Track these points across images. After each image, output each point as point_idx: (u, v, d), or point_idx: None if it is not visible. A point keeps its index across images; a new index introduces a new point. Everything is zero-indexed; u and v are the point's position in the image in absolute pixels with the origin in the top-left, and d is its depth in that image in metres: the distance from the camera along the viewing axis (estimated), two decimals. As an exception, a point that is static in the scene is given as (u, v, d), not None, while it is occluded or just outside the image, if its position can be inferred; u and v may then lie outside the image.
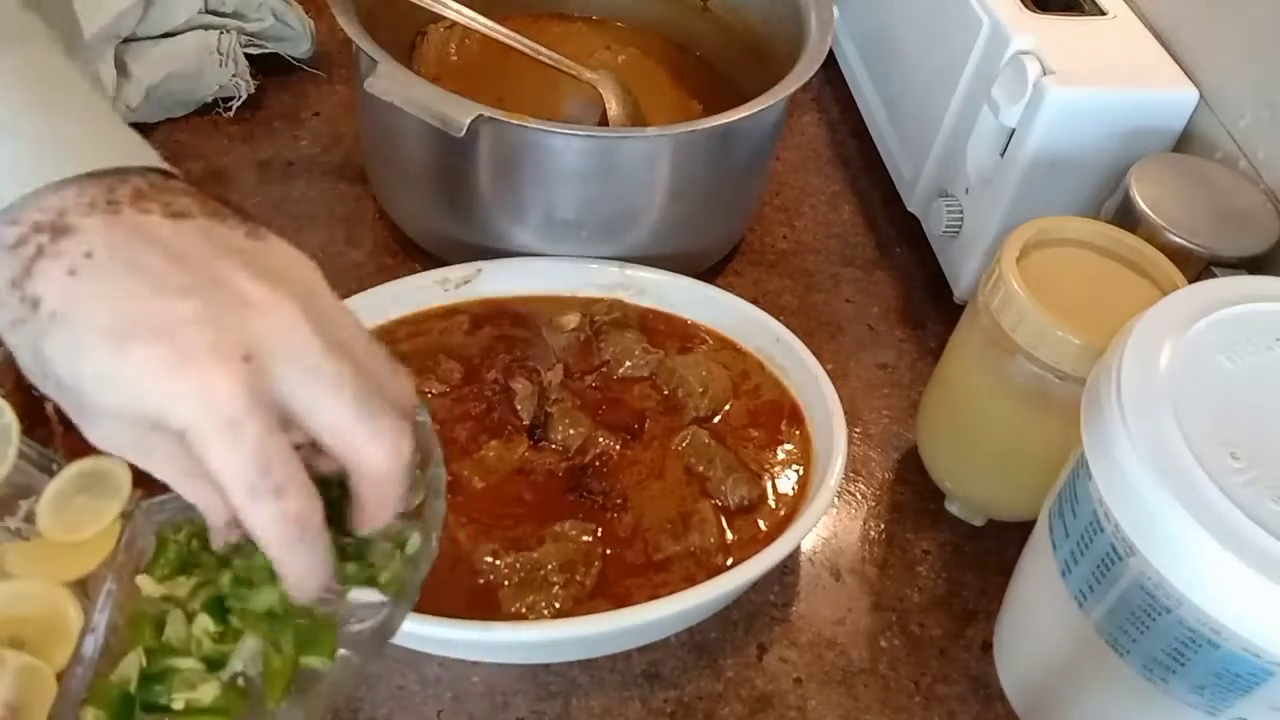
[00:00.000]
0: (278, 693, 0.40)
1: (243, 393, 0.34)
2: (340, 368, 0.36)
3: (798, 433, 0.69)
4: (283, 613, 0.41)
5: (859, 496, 0.72)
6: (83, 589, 0.43)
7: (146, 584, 0.43)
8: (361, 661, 0.41)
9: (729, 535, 0.64)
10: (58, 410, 0.46)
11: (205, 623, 0.41)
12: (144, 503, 0.45)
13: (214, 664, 0.41)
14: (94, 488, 0.45)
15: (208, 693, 0.40)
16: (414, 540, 0.43)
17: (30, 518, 0.44)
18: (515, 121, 0.67)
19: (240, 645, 0.41)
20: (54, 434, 0.47)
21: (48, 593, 0.42)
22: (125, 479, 0.45)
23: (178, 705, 0.39)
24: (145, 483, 0.45)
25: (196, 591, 0.42)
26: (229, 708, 0.40)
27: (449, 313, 0.73)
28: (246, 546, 0.40)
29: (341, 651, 0.41)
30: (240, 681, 0.40)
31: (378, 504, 0.39)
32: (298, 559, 0.36)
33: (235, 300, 0.35)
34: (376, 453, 0.37)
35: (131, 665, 0.40)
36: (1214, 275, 0.62)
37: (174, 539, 0.43)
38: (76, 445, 0.45)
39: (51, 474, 0.45)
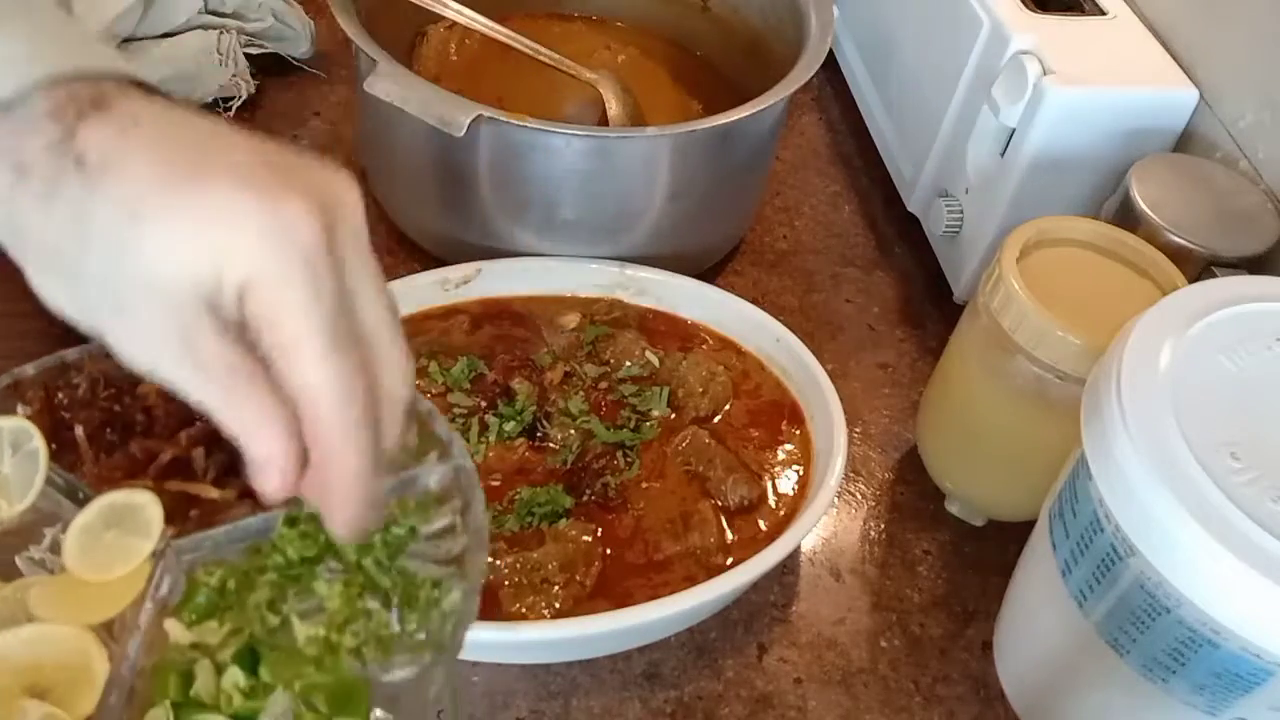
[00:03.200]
0: None
1: (321, 234, 0.32)
2: (378, 268, 0.34)
3: (798, 433, 0.69)
4: (319, 657, 0.39)
5: (859, 496, 0.72)
6: (108, 631, 0.41)
7: (175, 629, 0.41)
8: None
9: (729, 535, 0.64)
10: (87, 435, 0.45)
11: (235, 676, 0.39)
12: (175, 541, 0.43)
13: None
14: (124, 523, 0.42)
15: None
16: (454, 596, 0.42)
17: (55, 547, 0.43)
18: (515, 121, 0.67)
19: (270, 702, 0.39)
20: (83, 460, 0.45)
21: (73, 637, 0.40)
22: (157, 515, 0.43)
23: None
24: (177, 519, 0.44)
25: (227, 640, 0.41)
26: None
27: (449, 313, 0.73)
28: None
29: (377, 712, 0.39)
30: None
31: (390, 421, 0.36)
32: (359, 445, 0.34)
33: (295, 158, 0.34)
34: (399, 371, 0.36)
35: None
36: (1214, 275, 0.62)
37: (205, 581, 0.42)
38: (105, 473, 0.45)
39: (78, 502, 0.43)
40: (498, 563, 0.60)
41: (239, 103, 0.89)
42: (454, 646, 0.40)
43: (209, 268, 0.31)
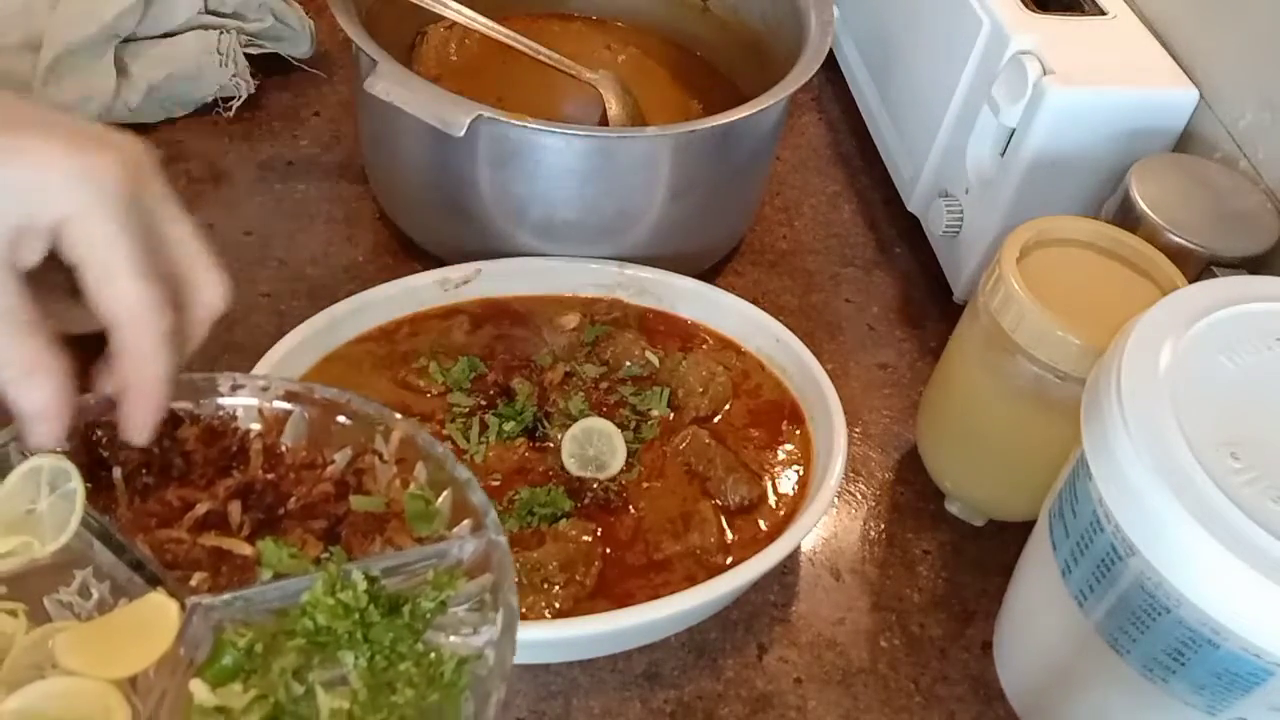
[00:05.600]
0: None
1: (127, 182, 0.38)
2: (183, 211, 0.41)
3: (798, 433, 0.69)
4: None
5: (859, 496, 0.72)
6: (132, 686, 0.40)
7: (200, 690, 0.40)
8: None
9: (729, 535, 0.64)
10: (125, 476, 0.45)
11: None
12: (206, 599, 0.42)
13: None
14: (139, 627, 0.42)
15: None
16: (481, 675, 0.41)
17: (85, 591, 0.42)
18: (515, 121, 0.67)
19: None
20: (118, 502, 0.45)
21: (98, 693, 0.39)
22: (173, 618, 0.42)
23: None
24: (210, 574, 0.44)
25: (251, 706, 0.40)
26: None
27: (449, 313, 0.73)
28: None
29: None
30: None
31: (199, 330, 0.43)
32: (162, 355, 0.40)
33: (94, 125, 0.39)
34: (215, 287, 0.43)
35: None
36: (1214, 275, 0.62)
37: (233, 642, 0.41)
38: (139, 518, 0.44)
39: (111, 545, 0.43)
40: (498, 563, 0.60)
41: (239, 103, 0.90)
42: None
43: (19, 209, 0.36)
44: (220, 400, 0.48)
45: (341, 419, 0.48)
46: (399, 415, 0.47)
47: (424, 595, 0.42)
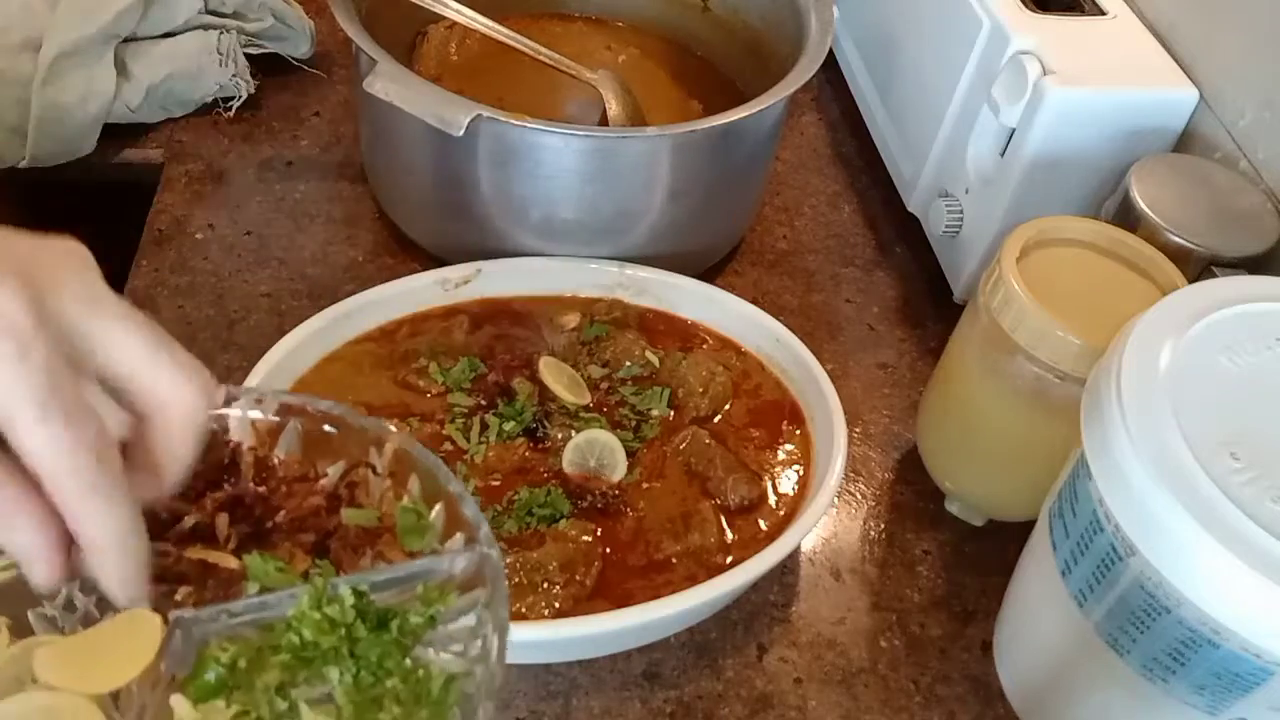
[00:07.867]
0: None
1: (26, 309, 0.32)
2: (127, 308, 0.35)
3: (798, 433, 0.69)
4: None
5: (859, 496, 0.72)
6: (114, 701, 0.39)
7: (180, 706, 0.39)
8: None
9: (729, 535, 0.64)
10: None
11: None
12: (190, 612, 0.41)
13: None
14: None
15: None
16: (469, 693, 0.40)
17: (69, 605, 0.41)
18: (515, 121, 0.67)
19: None
20: None
21: (77, 710, 0.38)
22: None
23: None
24: (195, 588, 0.43)
25: None
26: None
27: (449, 313, 0.73)
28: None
29: None
30: None
31: (178, 444, 0.37)
32: (98, 507, 0.33)
33: (9, 246, 0.34)
34: (184, 385, 0.35)
35: None
36: (1214, 275, 0.62)
37: (216, 659, 0.40)
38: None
39: None
40: (498, 563, 0.60)
41: (239, 103, 0.90)
42: None
43: None
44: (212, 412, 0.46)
45: (334, 430, 0.46)
46: (393, 427, 0.46)
47: (413, 610, 0.41)
